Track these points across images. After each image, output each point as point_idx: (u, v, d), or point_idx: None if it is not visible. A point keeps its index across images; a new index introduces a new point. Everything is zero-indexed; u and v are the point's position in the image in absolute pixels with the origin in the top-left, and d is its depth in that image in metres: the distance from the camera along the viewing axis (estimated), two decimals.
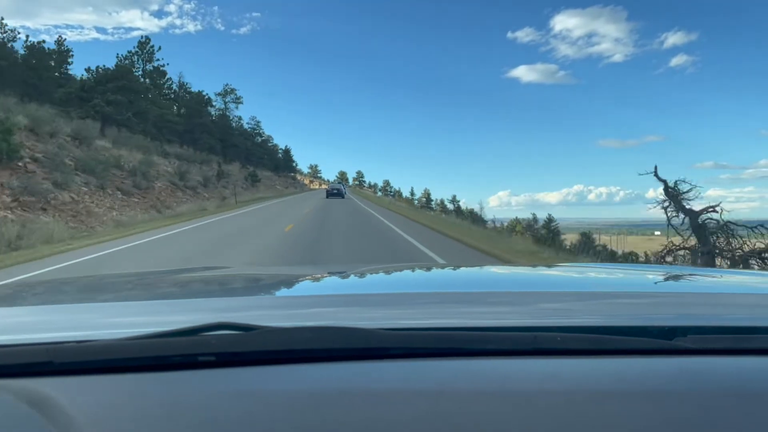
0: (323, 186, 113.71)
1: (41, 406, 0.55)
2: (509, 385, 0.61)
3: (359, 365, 0.66)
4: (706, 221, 14.32)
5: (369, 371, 0.64)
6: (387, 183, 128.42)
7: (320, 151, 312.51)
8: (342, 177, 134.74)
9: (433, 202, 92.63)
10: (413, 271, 1.76)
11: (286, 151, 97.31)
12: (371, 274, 1.53)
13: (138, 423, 0.54)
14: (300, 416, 0.54)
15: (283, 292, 1.35)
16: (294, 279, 1.52)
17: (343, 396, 0.58)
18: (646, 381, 0.62)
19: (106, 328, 0.80)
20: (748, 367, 0.67)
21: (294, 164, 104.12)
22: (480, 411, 0.54)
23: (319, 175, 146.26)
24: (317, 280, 1.51)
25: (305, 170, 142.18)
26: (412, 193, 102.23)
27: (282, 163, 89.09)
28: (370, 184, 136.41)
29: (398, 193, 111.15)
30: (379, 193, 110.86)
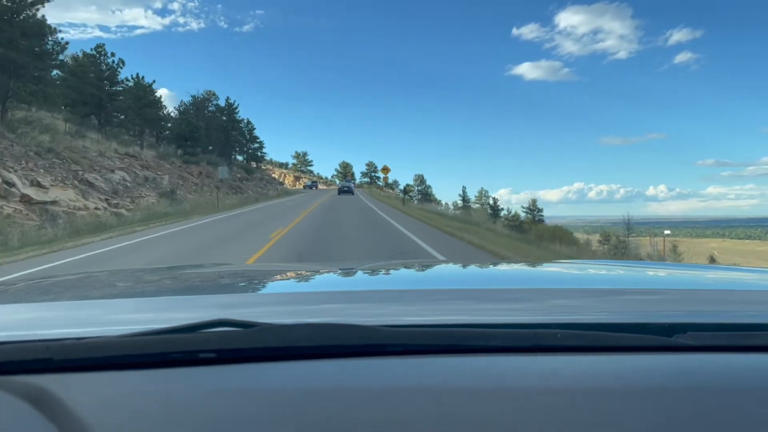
0: (322, 186, 74.05)
1: (41, 403, 0.54)
2: (510, 383, 0.60)
3: (360, 362, 0.65)
4: None
5: (369, 368, 0.64)
6: (420, 179, 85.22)
7: (321, 148, 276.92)
8: (346, 170, 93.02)
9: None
10: (417, 268, 1.73)
11: (229, 109, 52.00)
12: (373, 271, 1.50)
13: (137, 420, 0.53)
14: (300, 413, 0.54)
15: (284, 288, 1.33)
16: (296, 275, 1.50)
17: (344, 393, 0.58)
18: (645, 378, 0.61)
19: (105, 324, 0.79)
20: (749, 365, 0.66)
21: (256, 146, 60.77)
22: (480, 408, 0.54)
23: (309, 166, 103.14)
24: (319, 276, 1.47)
25: (289, 160, 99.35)
26: (465, 198, 59.90)
27: (218, 142, 45.59)
28: (387, 183, 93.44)
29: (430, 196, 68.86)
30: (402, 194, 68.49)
